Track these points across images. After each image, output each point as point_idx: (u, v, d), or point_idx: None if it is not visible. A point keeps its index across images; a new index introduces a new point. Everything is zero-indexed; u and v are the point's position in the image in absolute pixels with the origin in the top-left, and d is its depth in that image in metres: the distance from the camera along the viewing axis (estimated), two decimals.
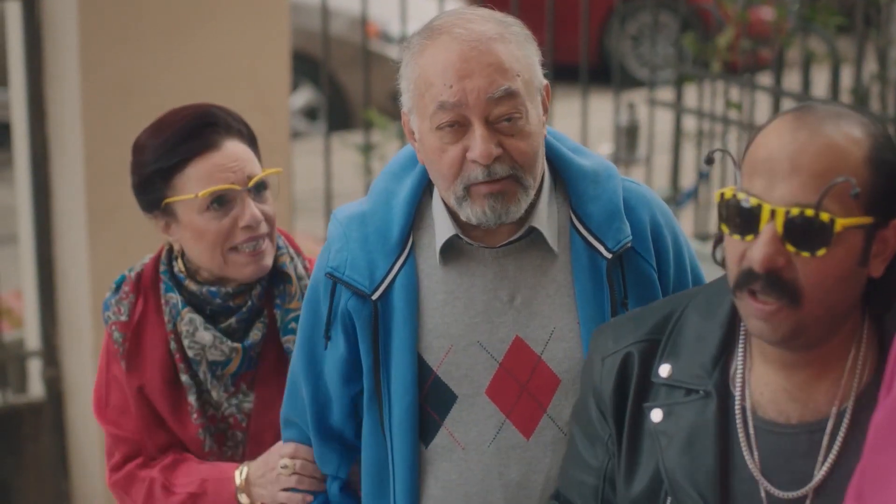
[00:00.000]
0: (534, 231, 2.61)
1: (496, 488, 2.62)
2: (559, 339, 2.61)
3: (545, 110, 2.60)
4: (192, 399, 3.02)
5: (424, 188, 2.67)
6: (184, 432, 3.05)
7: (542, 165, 2.61)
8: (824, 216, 2.04)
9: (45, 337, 5.26)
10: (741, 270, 2.11)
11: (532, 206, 2.59)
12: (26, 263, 5.32)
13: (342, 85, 10.55)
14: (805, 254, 2.06)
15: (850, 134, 2.08)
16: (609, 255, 2.58)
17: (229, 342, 2.99)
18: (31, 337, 5.39)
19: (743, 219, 2.09)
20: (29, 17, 5.02)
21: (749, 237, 2.09)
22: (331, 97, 7.02)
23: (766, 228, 2.07)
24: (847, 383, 2.14)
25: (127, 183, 4.90)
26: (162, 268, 3.07)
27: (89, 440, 5.19)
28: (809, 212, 2.04)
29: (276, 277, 3.04)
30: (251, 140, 3.02)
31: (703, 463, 2.17)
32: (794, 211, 2.05)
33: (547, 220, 2.61)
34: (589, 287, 2.59)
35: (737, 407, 2.19)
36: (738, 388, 2.19)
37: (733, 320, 2.23)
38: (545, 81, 2.60)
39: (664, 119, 6.64)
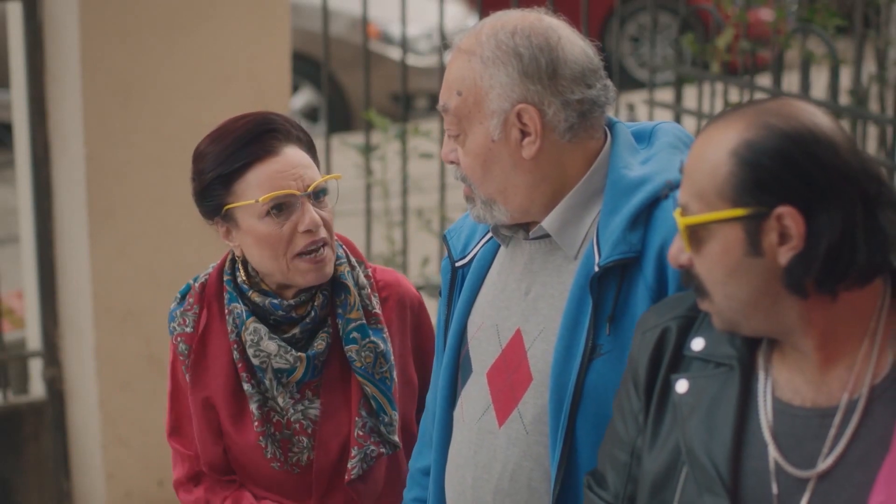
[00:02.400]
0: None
1: (470, 466, 2.71)
2: (543, 339, 2.65)
3: (525, 135, 2.61)
4: (253, 408, 3.05)
5: None
6: (244, 441, 3.08)
7: (529, 188, 2.63)
8: (676, 215, 2.20)
9: (46, 337, 5.27)
10: None
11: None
12: (27, 263, 5.33)
13: (343, 86, 10.56)
14: (686, 251, 2.21)
15: (725, 132, 2.17)
16: (596, 268, 2.57)
17: (294, 351, 3.02)
18: (33, 337, 5.39)
19: None
20: (30, 17, 5.03)
21: None
22: (331, 98, 7.03)
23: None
24: (861, 372, 2.16)
25: (127, 183, 4.95)
26: (226, 277, 3.10)
27: (90, 440, 5.20)
28: (677, 213, 2.21)
29: (338, 287, 3.07)
30: (310, 146, 3.06)
31: (720, 434, 2.21)
32: (676, 213, 2.22)
33: (565, 223, 2.64)
34: (577, 296, 2.61)
35: (759, 384, 2.23)
36: (761, 366, 2.24)
37: None
38: (521, 106, 2.60)
39: (663, 120, 6.63)
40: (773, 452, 2.18)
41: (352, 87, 10.35)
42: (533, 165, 2.62)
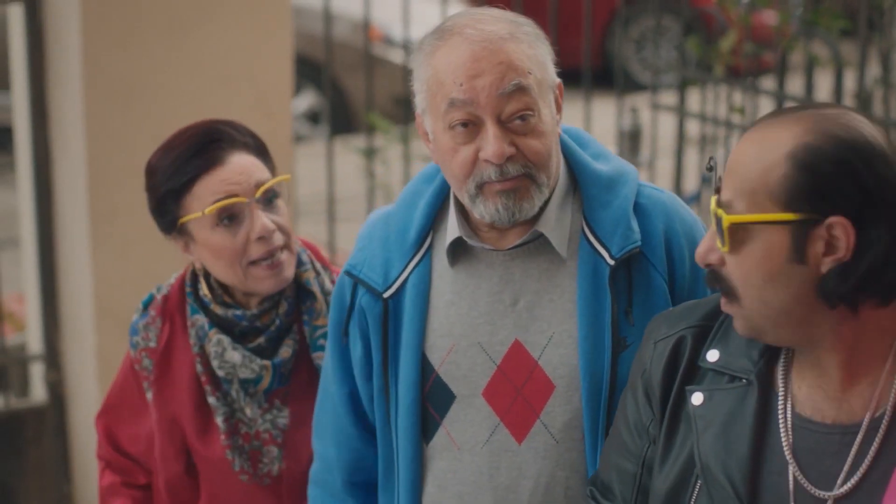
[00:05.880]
0: (542, 235, 2.62)
1: (486, 490, 2.63)
2: (557, 344, 2.60)
3: (559, 109, 2.62)
4: (219, 420, 3.02)
5: (449, 190, 2.69)
6: (211, 455, 3.05)
7: (558, 165, 2.62)
8: (719, 213, 2.12)
9: (48, 341, 5.26)
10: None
11: (541, 210, 2.60)
12: (29, 267, 5.32)
13: (345, 89, 10.55)
14: (723, 250, 2.14)
15: (782, 133, 2.10)
16: (612, 262, 2.57)
17: (259, 360, 2.98)
18: (34, 340, 5.38)
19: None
20: (31, 19, 5.02)
21: None
22: (333, 101, 7.03)
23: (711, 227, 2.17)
24: (884, 389, 2.13)
25: (129, 186, 4.93)
26: (187, 290, 3.06)
27: (91, 444, 5.18)
28: (716, 210, 2.13)
29: (304, 294, 3.02)
30: (259, 151, 3.00)
31: (737, 450, 2.18)
32: (714, 210, 2.14)
33: (556, 224, 2.62)
34: (590, 294, 2.58)
35: (778, 400, 2.19)
36: (780, 381, 2.20)
37: None
38: (558, 80, 2.62)
39: (667, 123, 6.64)
40: (792, 470, 2.15)
41: (354, 90, 10.34)
42: (559, 148, 2.64)
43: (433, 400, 2.66)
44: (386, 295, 2.68)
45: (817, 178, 2.06)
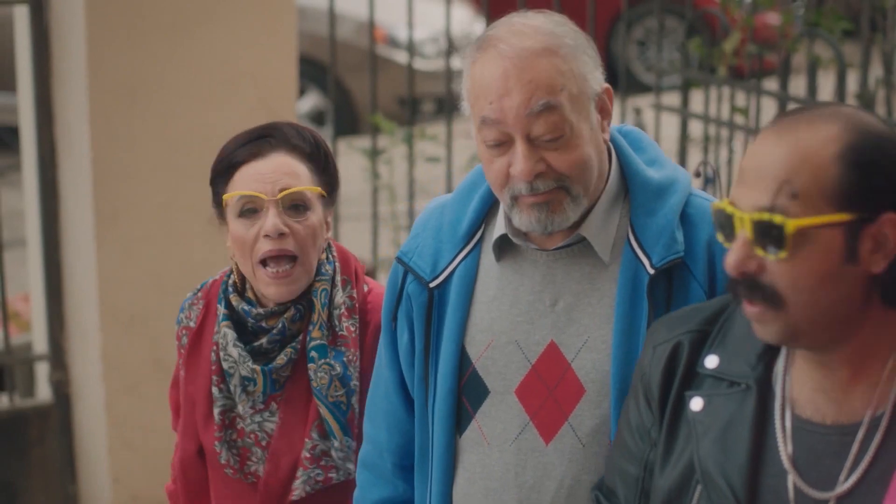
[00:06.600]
0: (586, 239, 2.61)
1: (511, 488, 2.64)
2: (591, 349, 2.60)
3: (606, 114, 2.60)
4: (216, 412, 3.04)
5: None
6: (208, 443, 3.08)
7: (602, 172, 2.60)
8: (777, 219, 2.07)
9: (53, 340, 5.27)
10: (728, 278, 2.16)
11: (586, 214, 2.59)
12: (34, 267, 5.34)
13: (349, 89, 10.57)
14: (771, 257, 2.09)
15: (821, 133, 2.09)
16: (652, 271, 2.56)
17: (250, 363, 3.00)
18: (39, 340, 5.40)
19: (726, 227, 2.14)
20: (37, 20, 5.04)
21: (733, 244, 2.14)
22: (337, 102, 7.04)
23: (739, 235, 2.11)
24: (885, 388, 2.13)
25: (133, 186, 4.96)
26: (226, 277, 3.10)
27: (96, 443, 5.20)
28: (766, 216, 2.08)
29: (310, 304, 3.03)
30: (312, 158, 3.03)
31: (736, 455, 2.18)
32: (755, 216, 2.09)
33: (600, 229, 2.61)
34: (628, 301, 2.57)
35: (776, 403, 2.19)
36: (779, 384, 2.20)
37: None
38: (605, 85, 2.59)
39: (670, 124, 6.64)
40: (791, 473, 2.15)
41: (358, 91, 10.35)
42: (602, 155, 2.60)
43: (468, 393, 2.68)
44: (432, 285, 2.69)
45: (870, 176, 2.06)
